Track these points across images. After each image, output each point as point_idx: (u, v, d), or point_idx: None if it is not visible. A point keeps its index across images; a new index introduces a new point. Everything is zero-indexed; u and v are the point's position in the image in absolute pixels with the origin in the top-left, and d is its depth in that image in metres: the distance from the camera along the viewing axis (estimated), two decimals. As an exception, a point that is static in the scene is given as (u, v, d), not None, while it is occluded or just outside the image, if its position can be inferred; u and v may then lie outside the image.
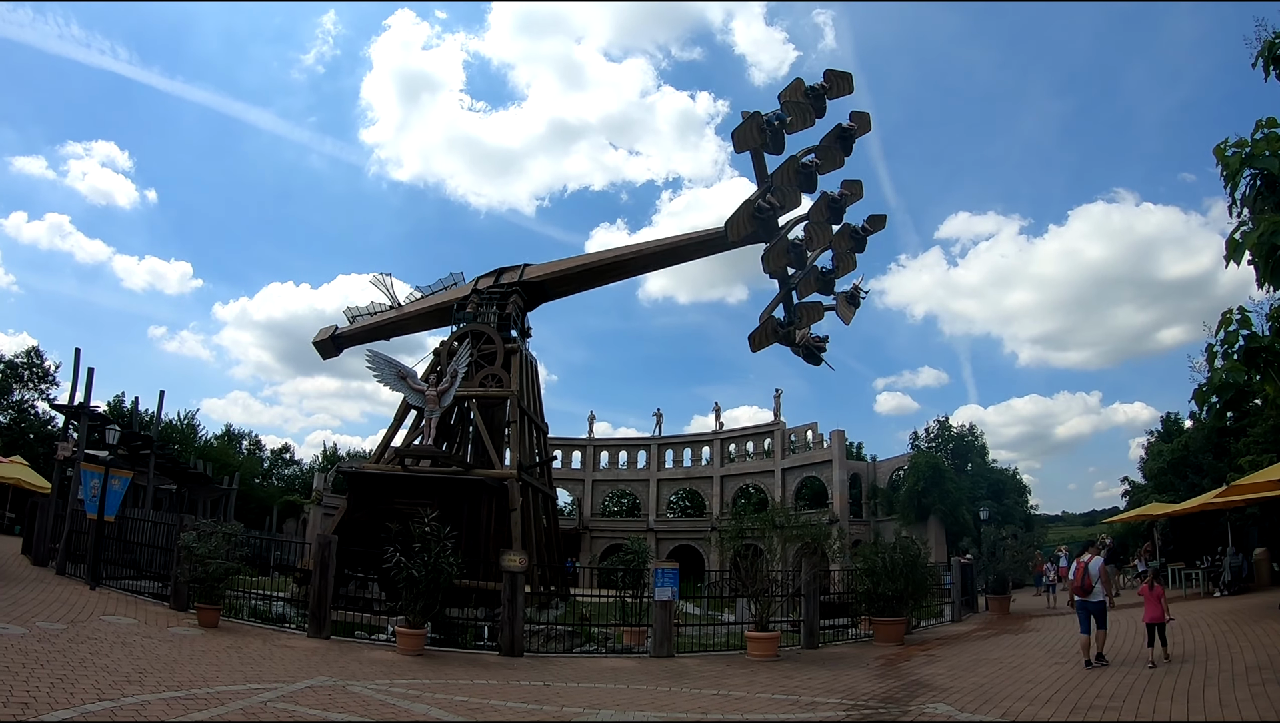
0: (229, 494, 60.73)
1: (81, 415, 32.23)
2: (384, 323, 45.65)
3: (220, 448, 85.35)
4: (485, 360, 38.00)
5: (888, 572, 24.40)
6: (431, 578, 19.66)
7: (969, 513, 56.97)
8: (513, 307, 40.29)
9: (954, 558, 37.52)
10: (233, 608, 22.76)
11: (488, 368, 37.76)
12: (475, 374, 37.23)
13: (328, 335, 47.25)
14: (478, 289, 41.21)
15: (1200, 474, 45.89)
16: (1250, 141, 11.11)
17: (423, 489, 30.60)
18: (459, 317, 40.67)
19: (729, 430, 76.33)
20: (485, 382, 37.53)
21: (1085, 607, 18.04)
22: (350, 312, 46.78)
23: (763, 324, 34.61)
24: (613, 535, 71.76)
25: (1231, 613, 24.60)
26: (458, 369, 34.43)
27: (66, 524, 27.73)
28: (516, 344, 39.37)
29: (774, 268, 34.27)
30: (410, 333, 47.65)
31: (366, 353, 34.65)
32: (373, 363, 34.20)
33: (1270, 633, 19.67)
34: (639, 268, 43.12)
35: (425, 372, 36.72)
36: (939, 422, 75.24)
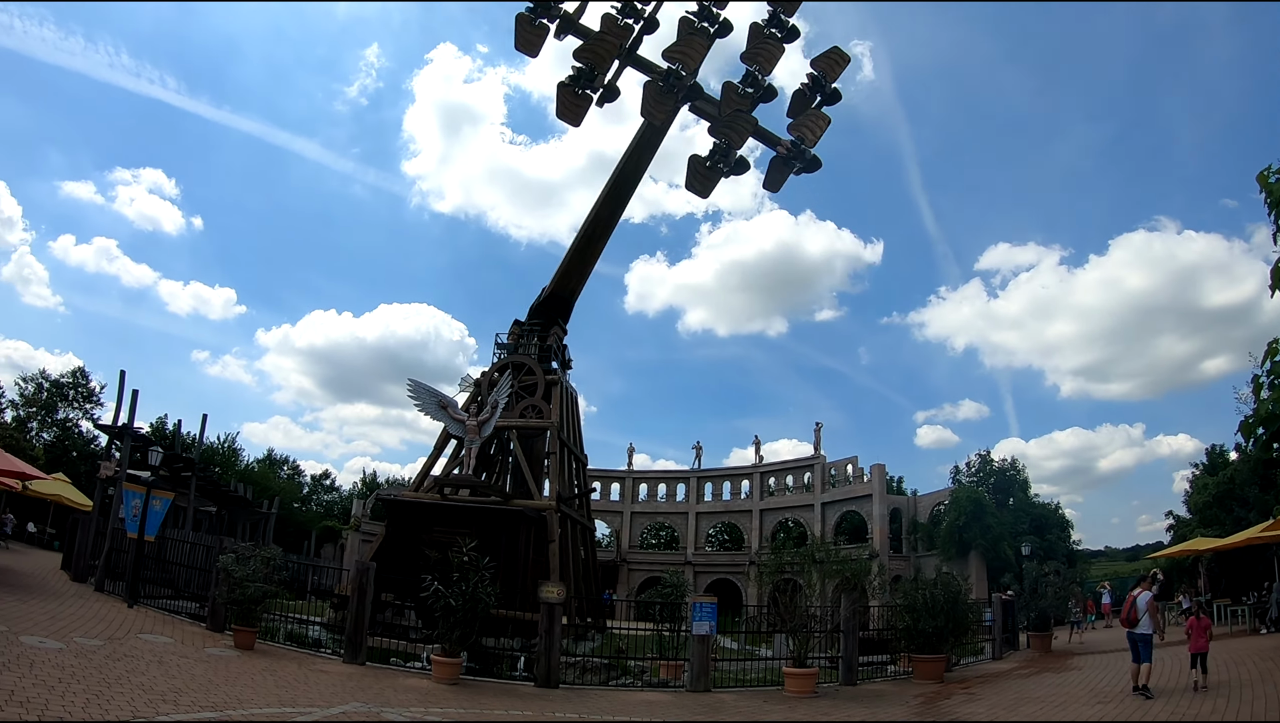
0: (268, 518, 61.14)
1: (125, 436, 32.53)
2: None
3: (261, 472, 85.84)
4: (526, 391, 38.06)
5: (928, 608, 24.06)
6: (469, 607, 19.56)
7: (1010, 549, 56.23)
8: (554, 338, 40.35)
9: (995, 594, 37.01)
10: (269, 631, 22.82)
11: (528, 399, 37.81)
12: (516, 405, 37.29)
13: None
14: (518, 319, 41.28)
15: (1246, 508, 45.07)
16: None
17: (461, 518, 30.60)
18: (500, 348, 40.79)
19: (768, 464, 76.01)
20: (525, 413, 37.56)
21: (1132, 638, 18.64)
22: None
23: (690, 167, 33.38)
24: (650, 568, 71.48)
25: (1278, 650, 24.08)
26: (498, 400, 34.49)
27: (107, 542, 27.91)
28: (557, 375, 39.38)
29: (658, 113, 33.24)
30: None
31: (408, 382, 34.78)
32: (414, 392, 34.30)
33: (1319, 673, 19.19)
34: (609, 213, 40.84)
35: (466, 401, 36.80)
36: (980, 456, 74.32)
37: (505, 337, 41.20)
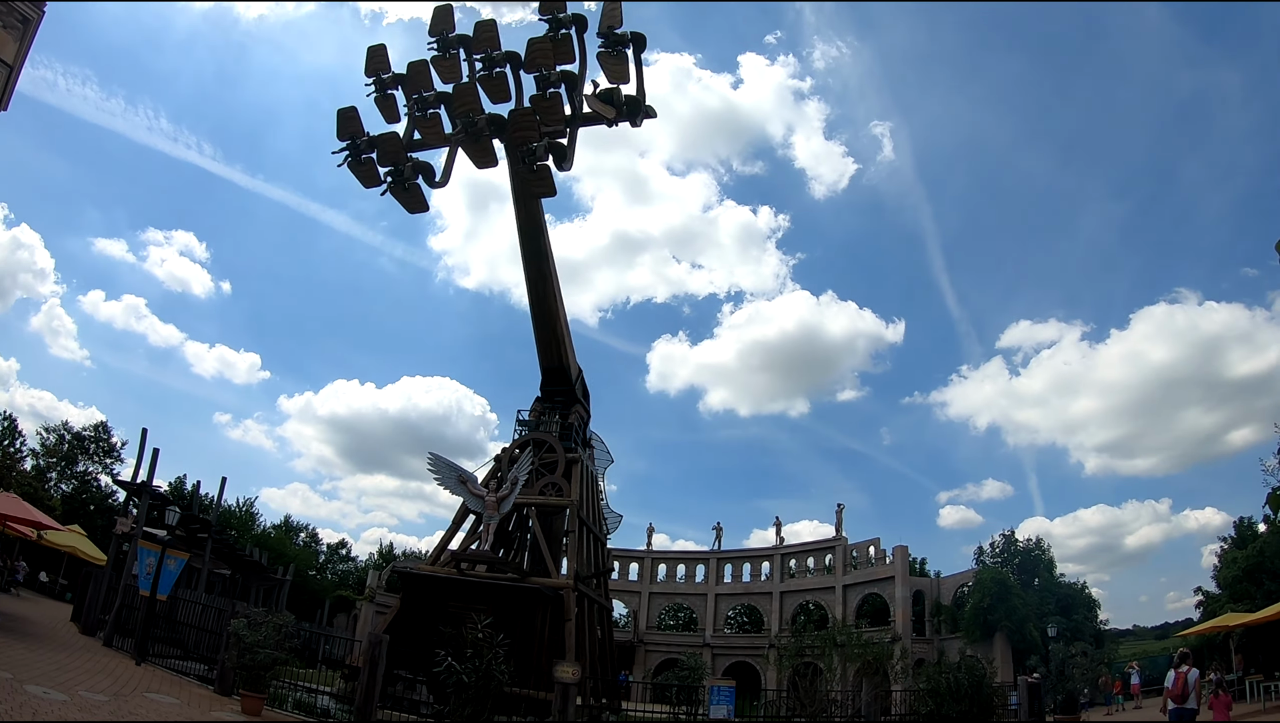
0: (283, 585, 60.74)
1: (143, 493, 32.43)
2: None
3: (277, 538, 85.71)
4: (546, 469, 37.85)
5: (952, 693, 23.54)
6: (482, 684, 19.20)
7: (1036, 630, 55.34)
8: (576, 418, 40.20)
9: (1021, 678, 36.25)
10: (277, 698, 22.48)
11: (548, 476, 37.59)
12: (535, 482, 37.05)
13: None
14: (572, 383, 40.96)
15: (1277, 581, 44.19)
16: None
17: (478, 594, 30.23)
18: (521, 425, 40.69)
19: (789, 546, 75.33)
20: (545, 490, 37.32)
21: (1181, 714, 19.47)
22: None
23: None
24: (668, 650, 70.67)
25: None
26: (518, 476, 34.27)
27: (118, 598, 27.81)
28: (578, 455, 39.20)
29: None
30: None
31: (428, 456, 34.66)
32: (434, 466, 34.14)
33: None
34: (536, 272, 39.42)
35: (485, 477, 36.55)
36: (1004, 535, 73.46)
37: (527, 413, 41.09)
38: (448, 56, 33.60)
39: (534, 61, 32.04)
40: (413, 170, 33.94)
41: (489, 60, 32.74)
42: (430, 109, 33.49)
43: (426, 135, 33.98)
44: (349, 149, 33.77)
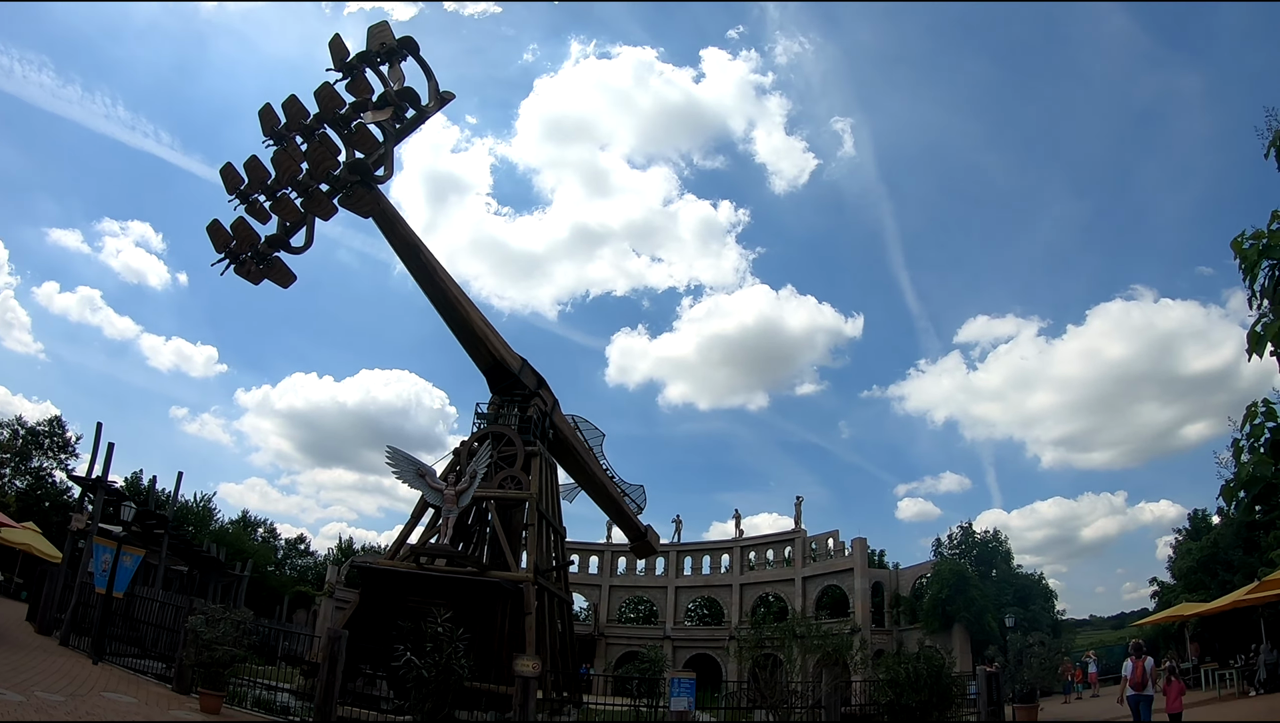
0: (241, 580, 60.29)
1: (98, 489, 32.11)
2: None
3: (235, 533, 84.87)
4: (505, 462, 37.80)
5: (911, 682, 23.80)
6: (442, 679, 19.19)
7: (994, 620, 55.84)
8: (535, 411, 40.18)
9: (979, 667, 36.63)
10: (236, 696, 22.29)
11: (507, 470, 37.54)
12: (494, 475, 37.00)
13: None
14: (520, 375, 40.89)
15: (1231, 571, 44.96)
16: (1267, 233, 10.92)
17: (437, 588, 30.18)
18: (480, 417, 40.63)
19: (749, 538, 75.74)
20: (504, 483, 37.27)
21: (1140, 699, 21.03)
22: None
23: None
24: (629, 643, 70.92)
25: (1269, 712, 24.03)
26: (477, 470, 34.23)
27: (74, 596, 27.44)
28: (537, 447, 39.18)
29: None
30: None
31: (387, 449, 34.54)
32: (392, 460, 34.03)
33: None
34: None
35: (444, 471, 36.46)
36: (962, 528, 74.04)
37: (486, 407, 41.03)
38: (284, 145, 34.63)
39: (328, 108, 34.21)
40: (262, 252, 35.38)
41: (306, 130, 34.46)
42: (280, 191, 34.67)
43: (285, 216, 35.04)
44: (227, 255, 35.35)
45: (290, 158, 34.02)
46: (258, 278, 35.92)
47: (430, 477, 34.21)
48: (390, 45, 35.34)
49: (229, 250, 35.22)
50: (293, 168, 34.06)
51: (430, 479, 34.10)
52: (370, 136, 34.18)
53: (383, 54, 35.18)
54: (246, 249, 35.17)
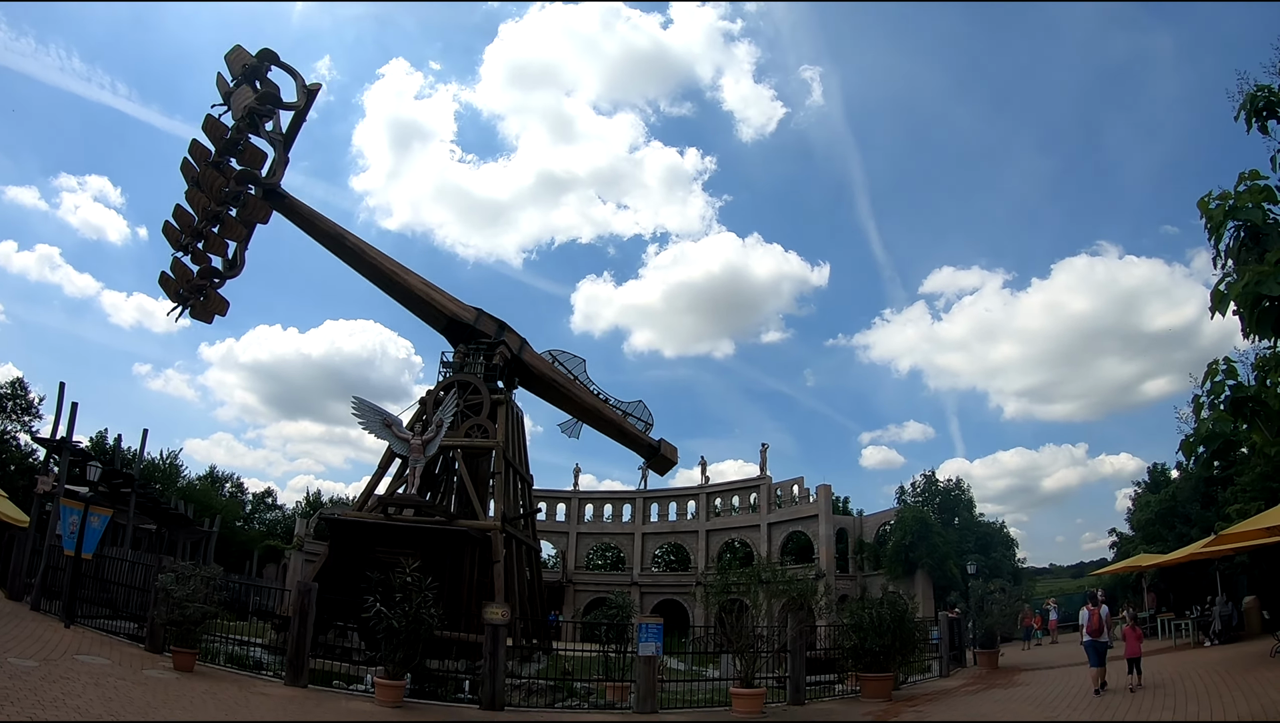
0: (209, 537, 60.23)
1: (63, 450, 31.88)
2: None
3: (202, 490, 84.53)
4: (471, 411, 37.91)
5: (874, 627, 24.12)
6: (412, 629, 19.36)
7: (956, 567, 56.69)
8: (500, 359, 40.22)
9: (942, 613, 37.23)
10: (209, 653, 22.39)
11: (474, 418, 37.67)
12: (461, 424, 37.14)
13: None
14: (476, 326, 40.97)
15: (1188, 524, 45.65)
16: (1233, 194, 11.14)
17: (405, 539, 30.35)
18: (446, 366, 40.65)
19: (714, 485, 76.12)
20: (471, 432, 37.41)
21: (1097, 646, 21.70)
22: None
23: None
24: (596, 589, 71.23)
25: (1223, 662, 24.46)
26: (443, 419, 34.33)
27: (43, 560, 27.27)
28: (503, 395, 39.29)
29: None
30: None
31: (353, 400, 34.59)
32: (358, 410, 34.07)
33: (1262, 682, 19.50)
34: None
35: (411, 420, 36.55)
36: (925, 476, 74.68)
37: (451, 356, 41.05)
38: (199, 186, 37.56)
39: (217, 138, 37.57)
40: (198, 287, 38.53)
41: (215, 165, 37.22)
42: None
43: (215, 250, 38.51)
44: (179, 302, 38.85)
45: (202, 195, 36.64)
46: (206, 317, 39.47)
47: (397, 427, 34.32)
48: (250, 63, 38.05)
49: (178, 297, 38.30)
50: (205, 203, 36.78)
51: (397, 429, 34.21)
52: (256, 150, 37.08)
53: (246, 75, 37.96)
54: (191, 292, 38.22)
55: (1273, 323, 10.12)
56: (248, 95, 37.69)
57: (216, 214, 37.27)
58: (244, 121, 37.36)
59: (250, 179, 36.87)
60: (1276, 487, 32.26)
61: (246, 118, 37.28)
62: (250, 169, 37.11)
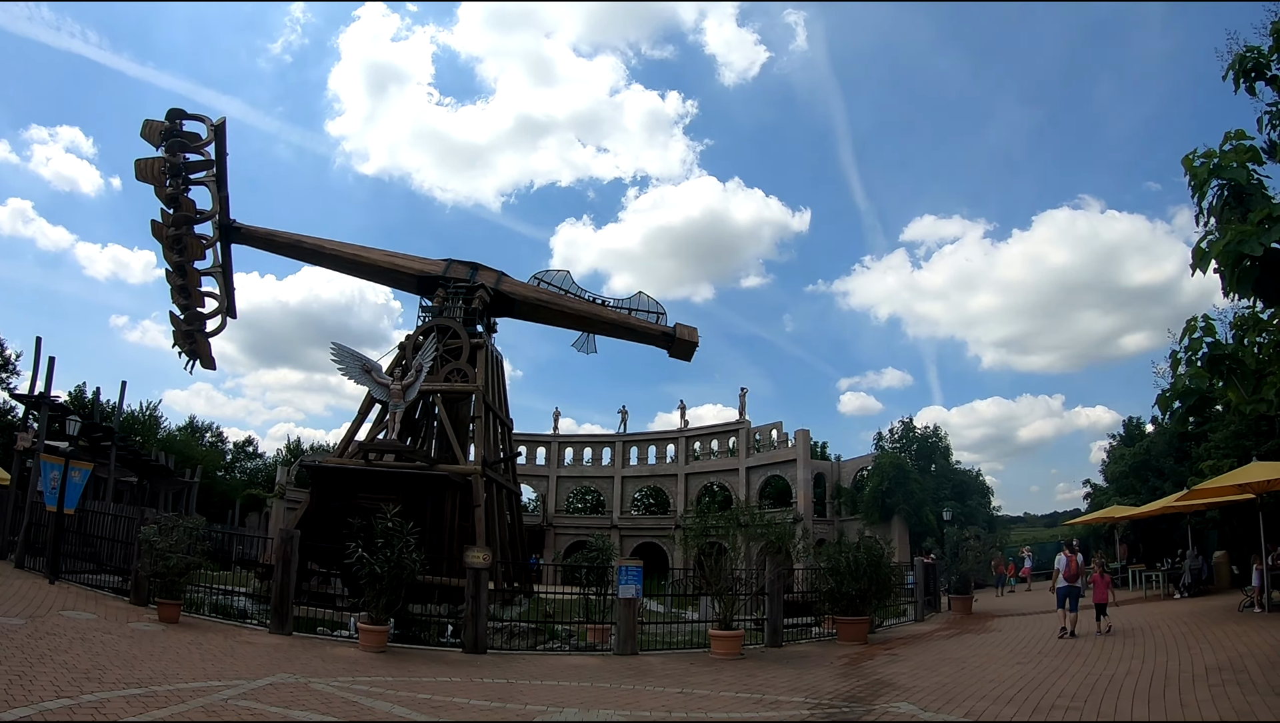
0: (191, 487, 60.31)
1: (42, 406, 31.82)
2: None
3: (183, 440, 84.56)
4: (451, 355, 37.89)
5: (851, 571, 24.42)
6: (394, 574, 19.51)
7: (932, 514, 57.35)
8: (479, 302, 40.19)
9: (917, 558, 37.75)
10: (194, 603, 22.52)
11: (453, 363, 37.65)
12: (440, 369, 37.15)
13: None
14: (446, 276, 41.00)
15: (1161, 478, 46.16)
16: (1219, 152, 11.24)
17: (386, 484, 30.42)
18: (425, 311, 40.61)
19: (694, 429, 76.58)
20: (450, 377, 37.42)
21: (1071, 591, 23.14)
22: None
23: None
24: (577, 532, 71.83)
25: (1191, 615, 24.95)
26: (423, 363, 34.37)
27: (25, 516, 27.29)
28: (482, 339, 39.29)
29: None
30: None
31: (332, 346, 34.59)
32: (337, 356, 34.06)
33: (1230, 635, 19.92)
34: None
35: (390, 365, 36.55)
36: (903, 423, 75.54)
37: (430, 300, 41.02)
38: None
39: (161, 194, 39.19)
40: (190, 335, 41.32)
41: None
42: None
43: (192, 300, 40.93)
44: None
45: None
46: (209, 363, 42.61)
47: (376, 372, 34.34)
48: (164, 128, 39.26)
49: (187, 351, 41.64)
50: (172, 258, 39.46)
51: (376, 375, 34.23)
52: (185, 199, 39.24)
53: (165, 138, 39.13)
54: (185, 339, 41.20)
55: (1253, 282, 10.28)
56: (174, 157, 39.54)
57: (179, 264, 39.57)
58: (171, 179, 39.03)
59: (186, 221, 39.27)
60: (1249, 445, 32.68)
61: (171, 175, 38.89)
62: (187, 213, 39.32)
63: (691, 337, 44.03)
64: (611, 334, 45.67)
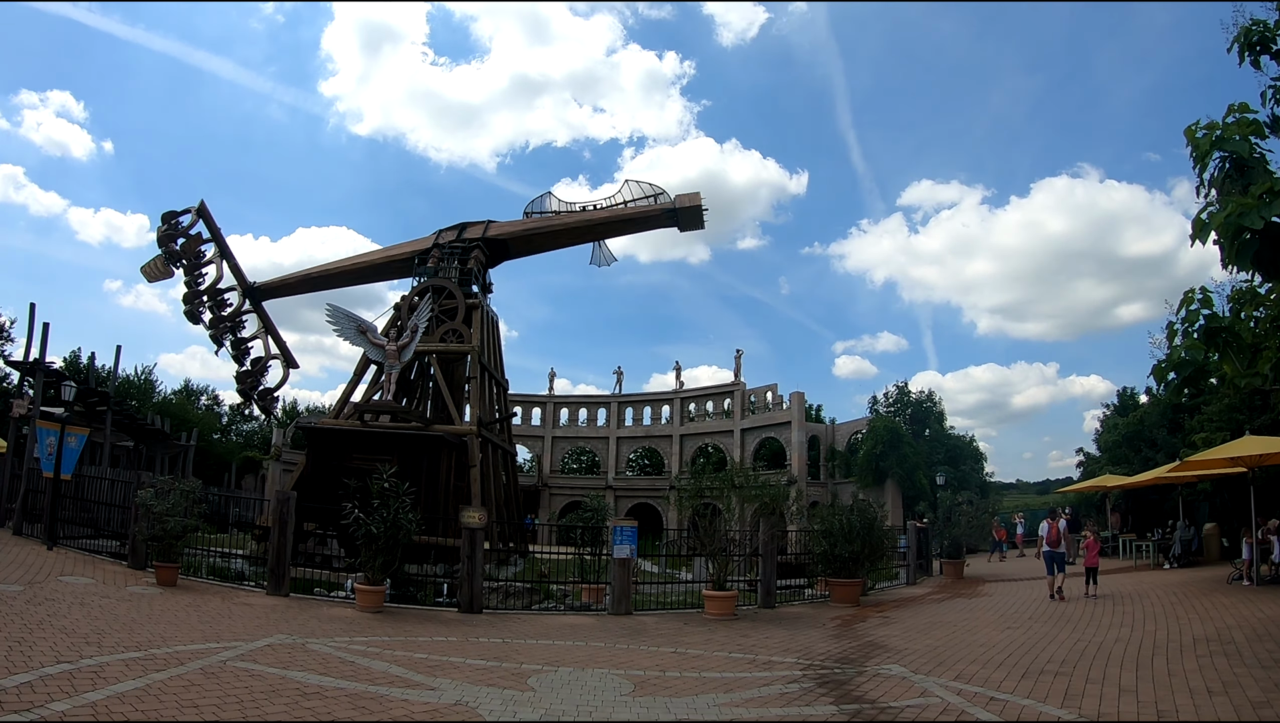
0: (187, 451, 60.37)
1: (37, 372, 31.87)
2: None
3: (178, 404, 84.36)
4: (446, 315, 37.93)
5: (844, 534, 24.55)
6: (390, 535, 19.63)
7: (926, 478, 57.52)
8: (474, 262, 40.18)
9: (910, 522, 37.89)
10: (191, 566, 22.71)
11: (449, 323, 37.68)
12: (436, 329, 37.20)
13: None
14: (439, 243, 41.04)
15: (1154, 449, 46.23)
16: (1221, 124, 11.24)
17: (382, 445, 30.53)
18: (420, 271, 40.57)
19: (689, 390, 76.60)
20: (446, 337, 37.46)
21: (1054, 556, 24.93)
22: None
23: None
24: (572, 493, 72.06)
25: (1180, 585, 25.20)
26: (418, 324, 34.37)
27: (23, 483, 27.38)
28: (478, 299, 39.29)
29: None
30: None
31: (327, 307, 34.50)
32: (332, 317, 34.02)
33: (1218, 606, 20.12)
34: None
35: (385, 326, 36.60)
36: (898, 387, 75.62)
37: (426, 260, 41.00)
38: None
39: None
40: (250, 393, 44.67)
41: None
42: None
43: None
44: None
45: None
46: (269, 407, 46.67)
47: (371, 333, 34.34)
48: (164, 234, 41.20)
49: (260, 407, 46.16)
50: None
51: (371, 335, 34.23)
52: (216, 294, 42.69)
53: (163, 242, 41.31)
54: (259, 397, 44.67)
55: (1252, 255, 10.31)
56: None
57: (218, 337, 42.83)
58: (185, 271, 41.74)
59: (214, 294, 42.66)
60: (1243, 418, 32.75)
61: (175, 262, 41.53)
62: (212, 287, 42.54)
63: (694, 201, 42.49)
64: (616, 233, 45.15)
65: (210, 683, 10.42)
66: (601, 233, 44.14)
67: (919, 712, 10.51)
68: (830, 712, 10.53)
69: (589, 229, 43.49)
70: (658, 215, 42.98)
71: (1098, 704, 10.79)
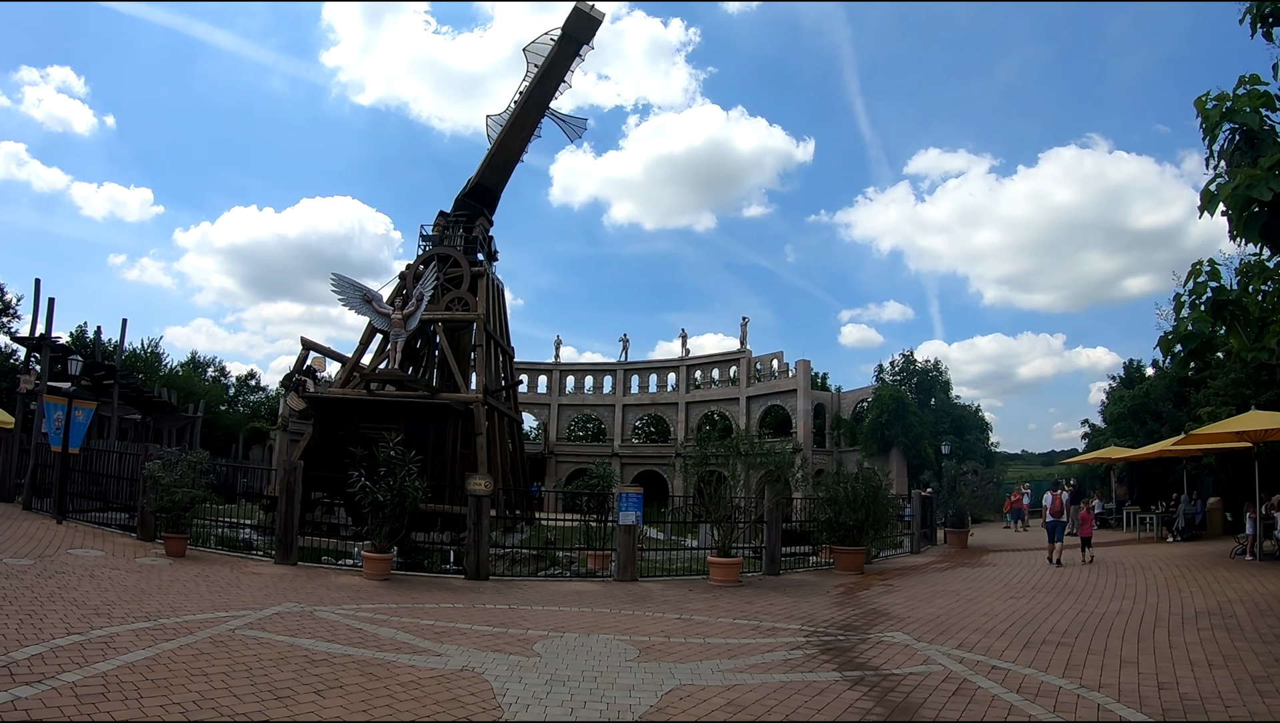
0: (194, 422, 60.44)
1: (43, 347, 31.93)
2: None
3: (185, 376, 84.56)
4: (451, 284, 37.96)
5: (849, 502, 24.60)
6: (397, 503, 19.69)
7: (930, 447, 57.63)
8: (479, 230, 40.15)
9: (915, 491, 37.94)
10: (200, 537, 22.77)
11: (454, 291, 37.73)
12: (441, 297, 37.26)
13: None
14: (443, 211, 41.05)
15: (1160, 422, 46.13)
16: (1232, 96, 11.19)
17: (388, 413, 30.61)
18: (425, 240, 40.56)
19: (695, 357, 76.67)
20: (451, 305, 37.52)
21: (1057, 525, 26.35)
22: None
23: None
24: (578, 460, 72.22)
25: (1184, 558, 25.30)
26: (423, 292, 34.43)
27: (31, 458, 27.46)
28: (483, 267, 39.29)
29: None
30: None
31: (332, 276, 34.64)
32: (337, 286, 34.08)
33: (1221, 580, 20.21)
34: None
35: (391, 295, 36.58)
36: (904, 356, 75.83)
37: (430, 229, 40.97)
38: None
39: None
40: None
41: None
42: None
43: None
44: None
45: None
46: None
47: (377, 302, 34.40)
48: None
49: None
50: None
51: (377, 304, 34.29)
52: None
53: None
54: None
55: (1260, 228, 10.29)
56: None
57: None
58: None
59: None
60: (1248, 393, 32.66)
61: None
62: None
63: (587, 11, 40.31)
64: (547, 93, 42.81)
65: (219, 652, 10.53)
66: (537, 103, 42.44)
67: (921, 679, 10.60)
68: (833, 678, 10.62)
69: (526, 110, 42.23)
70: (559, 50, 41.44)
71: (1099, 675, 10.87)
